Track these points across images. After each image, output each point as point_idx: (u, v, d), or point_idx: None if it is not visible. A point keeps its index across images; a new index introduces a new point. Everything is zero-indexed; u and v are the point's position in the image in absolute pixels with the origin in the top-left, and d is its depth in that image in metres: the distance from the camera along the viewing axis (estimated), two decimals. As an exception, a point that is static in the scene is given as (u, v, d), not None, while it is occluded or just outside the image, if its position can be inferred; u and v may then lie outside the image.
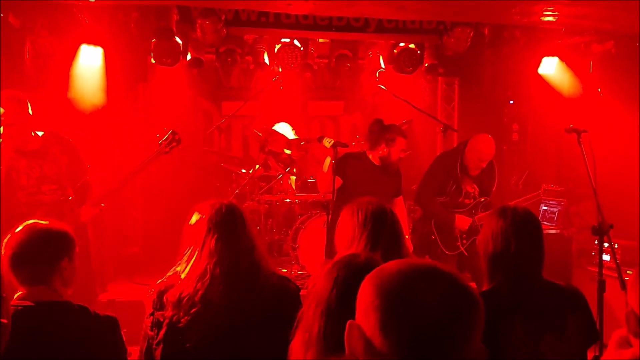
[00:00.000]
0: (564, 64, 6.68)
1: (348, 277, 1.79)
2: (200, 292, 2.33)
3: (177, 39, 5.85)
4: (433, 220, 5.15)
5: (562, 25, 6.00)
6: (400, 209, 5.05)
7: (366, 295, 1.19)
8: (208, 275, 2.35)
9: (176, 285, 2.38)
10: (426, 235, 5.21)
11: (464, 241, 5.11)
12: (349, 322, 1.22)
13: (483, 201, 5.19)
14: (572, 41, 6.53)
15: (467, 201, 5.22)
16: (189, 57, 6.21)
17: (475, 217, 5.10)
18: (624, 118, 6.12)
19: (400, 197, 5.07)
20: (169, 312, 2.34)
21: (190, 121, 7.28)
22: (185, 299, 2.33)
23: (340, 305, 1.71)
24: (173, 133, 4.06)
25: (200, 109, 7.47)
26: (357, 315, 1.22)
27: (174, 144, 4.05)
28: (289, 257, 6.03)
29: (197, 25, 5.69)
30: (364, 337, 1.18)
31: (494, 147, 5.10)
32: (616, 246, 3.94)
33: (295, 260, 5.89)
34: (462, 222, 5.05)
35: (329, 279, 1.80)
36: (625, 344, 1.46)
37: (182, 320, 2.31)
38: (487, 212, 2.61)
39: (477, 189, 5.25)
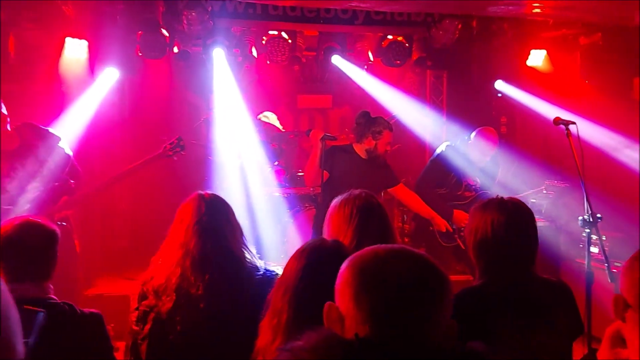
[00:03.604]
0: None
1: (315, 263, 1.80)
2: (172, 282, 2.34)
3: (164, 31, 5.79)
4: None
5: (549, 18, 6.00)
6: (407, 193, 5.06)
7: (342, 276, 1.27)
8: (178, 267, 2.35)
9: (155, 276, 2.38)
10: (424, 226, 5.21)
11: (462, 234, 5.12)
12: (327, 303, 1.28)
13: (485, 194, 5.19)
14: (560, 33, 6.53)
15: (467, 194, 5.23)
16: (175, 49, 6.15)
17: (476, 209, 5.09)
18: (611, 110, 6.14)
19: (400, 184, 5.05)
20: (152, 302, 2.33)
21: (177, 114, 7.22)
22: (162, 288, 2.33)
23: (308, 291, 1.72)
24: (179, 139, 4.20)
25: (188, 101, 7.41)
26: (335, 297, 1.28)
27: (178, 149, 4.19)
28: (278, 251, 6.00)
29: (184, 17, 5.63)
30: (340, 316, 1.25)
31: (497, 141, 5.16)
32: (604, 238, 3.93)
33: (284, 254, 5.87)
34: (459, 217, 5.06)
35: (297, 265, 1.80)
36: (619, 341, 1.45)
37: (162, 310, 2.31)
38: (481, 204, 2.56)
39: (479, 182, 5.27)
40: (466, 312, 2.44)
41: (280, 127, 6.72)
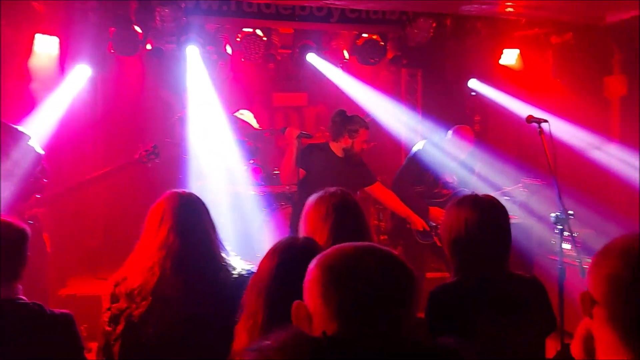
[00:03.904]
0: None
1: (288, 262, 1.79)
2: (150, 285, 2.29)
3: (137, 28, 5.72)
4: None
5: (522, 17, 6.07)
6: (384, 192, 5.08)
7: (310, 274, 1.27)
8: (157, 268, 2.31)
9: (128, 278, 2.33)
10: (401, 223, 5.23)
11: (439, 231, 5.14)
12: (295, 302, 1.28)
13: (462, 192, 5.22)
14: (532, 33, 6.62)
15: (444, 191, 5.26)
16: (148, 47, 6.08)
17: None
18: (582, 108, 6.23)
19: (377, 183, 5.06)
20: (123, 305, 2.29)
21: (150, 112, 7.14)
22: (136, 291, 2.29)
23: (283, 290, 1.70)
24: (154, 147, 4.21)
25: (161, 99, 7.33)
26: (303, 296, 1.28)
27: (153, 156, 4.20)
28: (254, 250, 5.97)
29: (156, 13, 5.57)
30: (308, 314, 1.24)
31: (473, 139, 5.21)
32: (576, 235, 3.99)
33: (260, 253, 5.83)
34: (436, 214, 5.09)
35: (269, 265, 1.79)
36: (590, 339, 1.47)
37: (135, 313, 2.27)
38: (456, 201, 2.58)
39: (456, 179, 5.30)
40: (441, 309, 2.46)
41: (256, 125, 6.69)
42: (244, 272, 2.40)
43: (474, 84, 7.09)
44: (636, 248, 1.36)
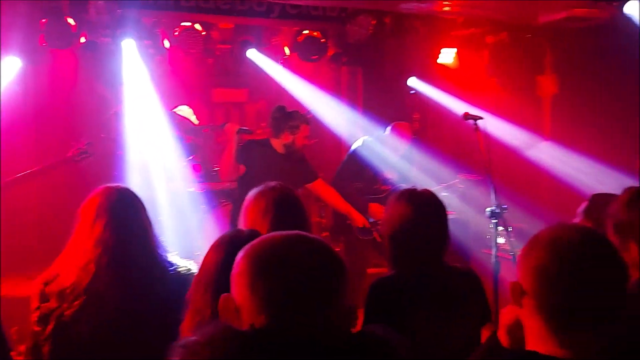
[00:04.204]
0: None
1: (234, 255, 1.76)
2: (84, 283, 2.21)
3: (70, 20, 5.52)
4: None
5: (458, 15, 6.21)
6: (325, 189, 5.09)
7: (238, 265, 1.25)
8: (93, 265, 2.22)
9: (60, 276, 2.25)
10: (342, 220, 5.26)
11: (379, 227, 5.19)
12: (223, 295, 1.25)
13: (401, 187, 5.29)
14: (469, 32, 6.78)
15: (383, 187, 5.32)
16: (83, 39, 5.88)
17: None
18: (516, 106, 6.44)
19: (319, 179, 5.07)
20: (53, 304, 2.20)
21: (85, 106, 6.91)
22: (69, 290, 2.20)
23: (229, 285, 1.67)
24: (88, 144, 4.18)
25: (97, 93, 7.10)
26: (231, 288, 1.25)
27: (86, 155, 4.07)
28: (194, 248, 5.88)
29: (90, 5, 5.39)
30: (236, 307, 1.21)
31: (411, 135, 5.29)
32: (510, 229, 4.11)
33: (200, 252, 5.75)
34: (375, 210, 5.14)
35: (214, 259, 1.76)
36: (516, 327, 1.51)
37: (67, 312, 2.19)
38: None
39: (395, 176, 5.37)
40: (379, 302, 2.49)
41: (195, 120, 6.58)
42: (181, 269, 2.36)
43: (413, 82, 7.21)
44: (562, 239, 1.40)
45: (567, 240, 1.39)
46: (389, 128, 5.35)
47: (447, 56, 6.96)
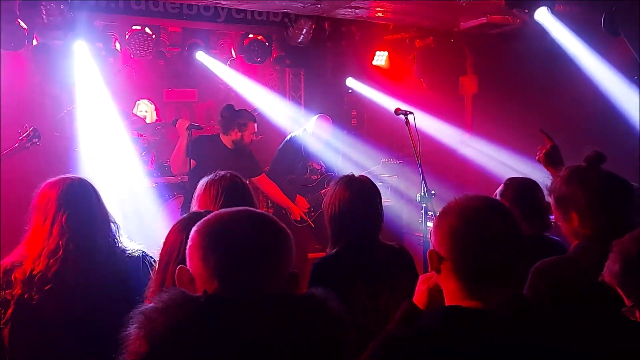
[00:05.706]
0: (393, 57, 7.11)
1: None
2: (53, 269, 2.18)
3: (21, 23, 5.31)
4: None
5: (390, 21, 6.35)
6: (268, 184, 5.12)
7: (191, 240, 1.28)
8: (61, 252, 2.20)
9: (25, 263, 2.20)
10: (278, 208, 5.33)
11: (312, 214, 5.28)
12: (179, 267, 1.28)
13: (329, 176, 5.39)
14: (399, 37, 6.94)
15: (313, 177, 5.41)
16: (34, 42, 5.67)
17: (321, 191, 5.29)
18: (441, 104, 6.65)
19: (262, 175, 5.11)
20: (17, 291, 2.16)
21: (37, 107, 6.67)
22: (37, 276, 2.17)
23: None
24: (34, 130, 4.01)
25: (49, 94, 6.87)
26: (187, 262, 1.28)
27: (35, 140, 4.02)
28: (148, 239, 5.79)
29: (42, 7, 5.21)
30: (191, 277, 1.26)
31: (331, 125, 5.39)
32: (437, 212, 4.25)
33: (154, 243, 5.66)
34: (300, 203, 5.25)
35: (176, 240, 1.78)
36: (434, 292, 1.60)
37: (35, 297, 2.15)
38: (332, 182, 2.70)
39: (324, 165, 5.45)
40: (322, 278, 2.56)
41: (154, 117, 6.53)
42: (135, 252, 2.38)
43: (350, 82, 7.32)
44: (469, 207, 1.49)
45: (474, 207, 1.48)
46: (312, 119, 5.46)
47: (380, 58, 7.11)
